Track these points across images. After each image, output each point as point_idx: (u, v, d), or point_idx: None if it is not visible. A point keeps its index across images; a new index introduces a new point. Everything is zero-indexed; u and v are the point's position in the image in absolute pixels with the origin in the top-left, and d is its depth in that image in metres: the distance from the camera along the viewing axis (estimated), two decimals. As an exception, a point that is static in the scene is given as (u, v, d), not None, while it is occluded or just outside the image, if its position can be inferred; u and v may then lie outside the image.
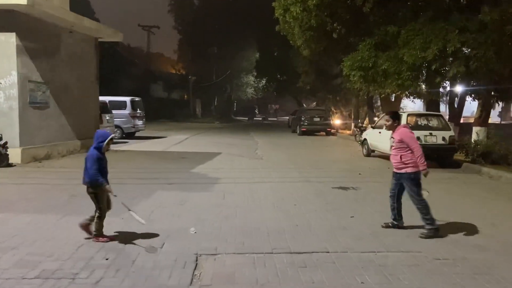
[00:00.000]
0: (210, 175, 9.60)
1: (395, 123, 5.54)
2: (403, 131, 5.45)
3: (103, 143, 5.04)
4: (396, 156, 5.45)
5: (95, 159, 4.95)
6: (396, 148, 5.47)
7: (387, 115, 5.70)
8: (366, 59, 13.44)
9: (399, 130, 5.48)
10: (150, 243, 4.86)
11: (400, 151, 5.40)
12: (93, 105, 14.30)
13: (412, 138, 5.37)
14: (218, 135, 23.36)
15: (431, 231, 5.23)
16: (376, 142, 13.10)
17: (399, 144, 5.41)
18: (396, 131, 5.51)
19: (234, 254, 4.59)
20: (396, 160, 5.45)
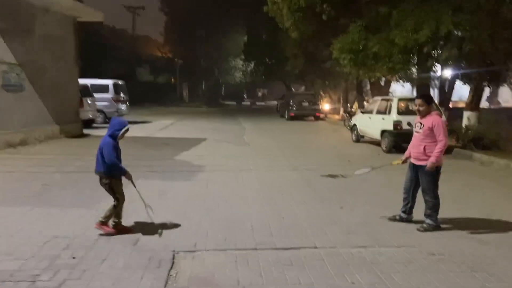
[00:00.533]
0: (194, 163, 9.19)
1: (430, 107, 4.91)
2: (437, 119, 4.83)
3: (119, 131, 4.74)
4: (419, 146, 4.89)
5: (112, 146, 4.63)
6: (421, 137, 4.89)
7: (420, 99, 4.98)
8: (357, 41, 13.05)
9: (432, 117, 4.86)
10: (125, 239, 4.47)
11: (425, 140, 4.85)
12: (73, 89, 13.68)
13: (444, 129, 4.79)
14: (204, 120, 22.85)
15: (431, 226, 4.91)
16: (365, 128, 12.79)
17: (427, 132, 4.84)
18: (427, 117, 4.89)
19: (215, 251, 4.23)
20: (418, 151, 4.90)
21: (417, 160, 4.98)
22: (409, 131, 10.84)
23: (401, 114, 10.97)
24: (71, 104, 13.45)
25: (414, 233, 4.86)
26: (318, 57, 25.18)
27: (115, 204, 4.68)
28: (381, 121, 11.51)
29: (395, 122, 10.87)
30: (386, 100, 11.96)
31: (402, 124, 10.86)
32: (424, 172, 4.90)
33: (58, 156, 9.74)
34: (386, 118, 11.29)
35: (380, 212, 5.63)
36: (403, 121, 10.86)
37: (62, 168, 8.29)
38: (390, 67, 12.65)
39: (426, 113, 4.95)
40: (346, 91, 25.10)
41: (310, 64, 25.64)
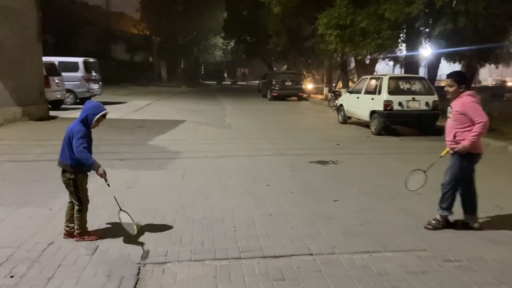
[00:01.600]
0: (170, 148, 8.35)
1: (461, 88, 4.10)
2: (468, 100, 4.06)
3: (94, 117, 3.83)
4: (450, 133, 4.17)
5: (83, 134, 3.74)
6: (451, 122, 4.17)
7: (450, 78, 4.18)
8: (344, 16, 12.27)
9: (462, 98, 4.08)
10: (80, 248, 3.68)
11: (456, 127, 4.12)
12: (36, 67, 12.47)
13: (478, 109, 4.01)
14: (183, 100, 21.80)
15: (441, 223, 4.24)
16: (353, 108, 12.10)
17: (456, 117, 4.11)
18: (457, 99, 4.14)
19: (190, 262, 3.48)
20: (449, 138, 4.19)
21: (451, 149, 4.25)
22: (401, 112, 10.32)
23: (392, 94, 10.30)
24: (34, 83, 12.27)
25: (422, 232, 4.20)
26: (301, 34, 24.32)
27: (79, 208, 3.84)
28: (370, 101, 10.82)
29: (386, 102, 10.21)
30: (375, 79, 11.26)
31: (393, 104, 10.21)
32: (454, 161, 4.20)
33: (16, 142, 8.74)
34: (376, 98, 10.61)
35: (382, 206, 4.97)
36: (394, 101, 10.21)
37: (18, 156, 7.34)
38: (379, 44, 11.94)
39: (456, 96, 4.16)
40: (330, 70, 24.33)
41: (293, 42, 24.76)
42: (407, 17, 10.35)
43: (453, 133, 4.15)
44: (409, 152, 8.47)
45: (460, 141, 4.10)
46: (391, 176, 6.42)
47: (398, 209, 4.87)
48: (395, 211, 4.81)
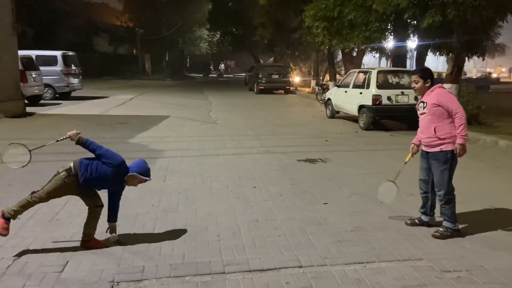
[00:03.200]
0: (152, 147, 8.00)
1: (427, 83, 4.01)
2: (441, 92, 3.97)
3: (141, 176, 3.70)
4: (428, 129, 3.97)
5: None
6: (428, 117, 3.98)
7: (415, 74, 4.12)
8: (331, 8, 11.97)
9: (435, 91, 3.99)
10: (48, 265, 3.34)
11: (434, 121, 3.94)
12: (10, 60, 11.91)
13: (454, 100, 3.94)
14: (168, 94, 21.33)
15: (449, 230, 3.99)
16: (341, 103, 11.86)
17: (433, 110, 3.93)
18: (428, 94, 4.02)
19: (169, 279, 3.17)
20: (428, 135, 3.99)
21: (429, 146, 4.02)
22: (390, 106, 10.11)
23: (380, 88, 10.09)
24: (9, 78, 11.72)
25: (417, 239, 3.96)
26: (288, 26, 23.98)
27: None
28: (359, 95, 10.59)
29: (374, 97, 9.99)
30: (364, 73, 11.03)
31: (382, 99, 9.99)
32: (438, 159, 3.97)
33: (-11, 141, 8.26)
34: (364, 92, 10.38)
35: (374, 208, 4.73)
36: (383, 95, 10.00)
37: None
38: (367, 36, 11.68)
39: (423, 91, 4.05)
40: (317, 62, 24.06)
41: (279, 34, 24.41)
42: (395, 8, 10.10)
43: (432, 128, 3.95)
44: (399, 148, 8.26)
45: (443, 135, 3.91)
46: (381, 175, 6.16)
47: (391, 212, 4.64)
48: (388, 215, 4.57)
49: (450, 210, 4.00)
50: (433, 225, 4.21)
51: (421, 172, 4.23)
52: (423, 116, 4.06)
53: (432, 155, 4.03)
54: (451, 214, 4.00)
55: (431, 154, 4.04)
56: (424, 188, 4.21)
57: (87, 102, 16.27)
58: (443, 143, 3.93)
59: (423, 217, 4.27)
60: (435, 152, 4.00)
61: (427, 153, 4.11)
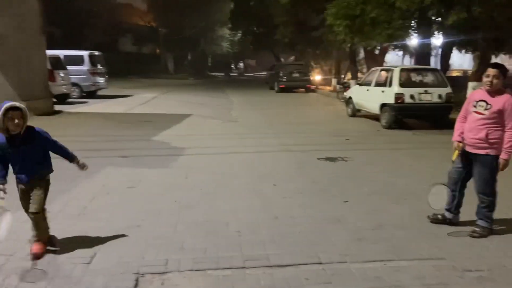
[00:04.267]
0: (174, 144, 8.15)
1: (502, 84, 3.77)
2: (510, 101, 3.70)
3: None
4: (481, 131, 3.80)
5: None
6: (485, 120, 3.80)
7: (497, 68, 3.77)
8: (353, 6, 11.89)
9: (505, 97, 3.72)
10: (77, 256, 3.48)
11: (490, 125, 3.77)
12: (39, 60, 12.31)
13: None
14: (190, 93, 21.60)
15: (486, 230, 3.94)
16: (363, 101, 11.77)
17: (494, 116, 3.74)
18: (496, 96, 3.76)
19: (191, 272, 3.27)
20: (478, 136, 3.82)
21: (475, 147, 3.88)
22: (412, 105, 9.98)
23: (403, 86, 9.96)
24: (38, 77, 12.12)
25: (439, 238, 3.94)
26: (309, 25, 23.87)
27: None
28: (381, 93, 10.50)
29: (397, 95, 9.88)
30: (386, 71, 10.92)
31: (405, 97, 9.87)
32: (483, 164, 3.87)
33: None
34: (387, 91, 10.28)
35: (395, 207, 4.72)
36: (406, 93, 9.88)
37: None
38: (389, 34, 11.57)
39: (498, 90, 3.79)
40: (339, 61, 23.88)
41: (300, 33, 24.31)
42: (419, 6, 9.96)
43: (485, 131, 3.79)
44: (422, 147, 8.19)
45: (493, 140, 3.78)
46: (403, 174, 6.17)
47: (412, 211, 4.61)
48: (409, 213, 4.55)
49: (490, 212, 3.95)
50: (455, 224, 4.18)
51: (455, 170, 4.12)
52: (478, 116, 3.85)
53: (478, 158, 3.90)
54: (490, 215, 3.96)
55: (477, 157, 3.90)
56: (453, 187, 4.12)
57: (112, 101, 16.65)
58: (491, 148, 3.81)
59: (446, 214, 4.22)
60: (482, 155, 3.87)
61: (469, 153, 3.96)
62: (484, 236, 3.92)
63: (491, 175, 3.90)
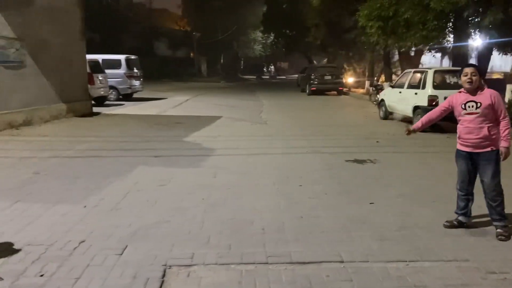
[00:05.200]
0: (204, 145, 8.36)
1: (481, 79, 3.95)
2: (495, 93, 3.93)
3: None
4: (481, 130, 3.90)
5: None
6: (479, 119, 3.91)
7: (473, 67, 3.96)
8: (386, 7, 11.76)
9: (488, 92, 3.93)
10: (109, 248, 3.68)
11: (486, 122, 3.89)
12: (80, 64, 12.91)
13: (502, 102, 3.98)
14: (221, 96, 21.93)
15: (507, 229, 3.92)
16: (395, 103, 11.61)
17: (486, 112, 3.88)
18: (479, 94, 3.92)
19: (216, 266, 3.40)
20: (481, 135, 3.91)
21: (479, 147, 3.94)
22: (446, 108, 9.74)
23: (437, 88, 9.76)
24: (78, 80, 12.72)
25: (463, 240, 3.90)
26: (341, 26, 23.71)
27: None
28: (414, 96, 10.33)
29: (430, 97, 9.69)
30: (419, 73, 10.72)
31: (438, 100, 9.66)
32: (490, 160, 3.93)
33: (60, 138, 9.07)
34: (420, 93, 10.10)
35: (422, 210, 4.68)
36: (440, 96, 9.66)
37: (61, 152, 7.58)
38: (424, 35, 11.36)
39: (478, 88, 3.94)
40: (372, 63, 23.57)
41: (333, 35, 24.18)
42: (454, 7, 9.75)
43: (486, 128, 3.89)
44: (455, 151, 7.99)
45: (494, 135, 3.90)
46: (433, 177, 6.08)
47: (440, 214, 4.54)
48: (436, 216, 4.49)
49: (503, 210, 3.97)
50: (470, 226, 4.16)
51: (463, 174, 4.14)
52: (473, 116, 3.94)
53: (483, 156, 3.95)
54: (504, 212, 3.97)
55: (482, 155, 3.95)
56: (465, 191, 4.14)
57: (147, 103, 17.18)
58: (492, 143, 3.90)
59: (461, 218, 4.19)
60: (486, 152, 3.93)
61: (473, 154, 4.01)
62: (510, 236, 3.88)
63: (498, 170, 3.94)
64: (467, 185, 4.14)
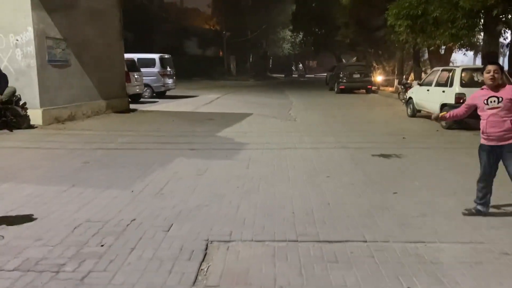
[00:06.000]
0: (237, 140, 8.83)
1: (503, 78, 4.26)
2: None
3: None
4: (503, 123, 4.17)
5: None
6: (501, 113, 4.17)
7: (496, 65, 4.23)
8: (415, 5, 11.89)
9: (509, 87, 4.18)
10: (158, 224, 4.19)
11: (508, 115, 4.16)
12: (118, 63, 13.68)
13: None
14: (251, 94, 22.42)
15: None
16: (423, 101, 11.74)
17: (508, 106, 4.14)
18: (502, 90, 4.17)
19: (251, 242, 3.84)
20: (503, 128, 4.19)
21: (503, 139, 4.21)
22: (473, 105, 9.84)
23: (464, 86, 9.87)
24: (117, 79, 13.48)
25: (481, 226, 4.17)
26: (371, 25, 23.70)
27: None
28: (441, 94, 10.46)
29: (458, 95, 9.82)
30: (447, 71, 10.84)
31: (466, 97, 9.76)
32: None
33: (103, 132, 9.76)
34: (447, 91, 10.23)
35: (443, 200, 4.97)
36: (467, 93, 9.75)
37: (105, 144, 8.23)
38: (453, 34, 11.43)
39: (499, 85, 4.19)
40: (402, 61, 23.47)
41: (362, 33, 24.22)
42: (483, 5, 9.82)
43: (508, 121, 4.15)
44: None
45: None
46: (457, 171, 6.31)
47: (460, 203, 4.80)
48: (456, 205, 4.76)
49: None
50: (488, 215, 4.41)
51: (488, 168, 4.37)
52: (495, 111, 4.18)
53: (507, 148, 4.20)
54: None
55: (506, 147, 4.20)
56: (485, 182, 4.39)
57: (179, 101, 17.87)
58: None
59: (479, 207, 4.45)
60: (510, 144, 4.19)
61: (496, 147, 4.25)
62: None
63: None
64: (487, 177, 4.40)
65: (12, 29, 9.82)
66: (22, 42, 9.76)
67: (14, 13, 9.75)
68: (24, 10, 9.69)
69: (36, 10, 9.82)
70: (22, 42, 9.77)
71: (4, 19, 9.78)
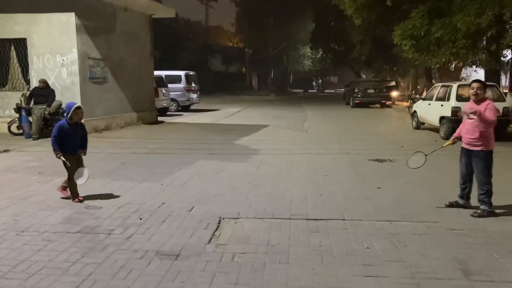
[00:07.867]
0: (251, 147, 9.98)
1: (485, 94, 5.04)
2: (490, 104, 4.94)
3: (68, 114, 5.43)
4: (474, 132, 4.98)
5: (57, 128, 5.43)
6: (475, 123, 4.95)
7: (481, 83, 5.02)
8: (418, 27, 12.91)
9: (486, 102, 4.95)
10: (182, 207, 5.36)
11: (480, 126, 4.93)
12: (149, 79, 15.14)
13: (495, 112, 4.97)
14: (270, 108, 23.64)
15: (485, 212, 5.01)
16: (425, 114, 12.67)
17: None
18: (481, 103, 4.95)
19: (254, 219, 4.95)
20: (473, 136, 5.00)
21: (471, 145, 5.07)
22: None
23: (459, 100, 10.78)
24: (147, 94, 14.92)
25: (441, 210, 5.16)
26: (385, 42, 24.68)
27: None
28: (440, 107, 11.39)
29: (454, 108, 10.73)
30: (445, 87, 11.78)
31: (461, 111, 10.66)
32: (479, 157, 5.02)
33: (135, 140, 11.10)
34: (445, 105, 11.16)
35: (420, 193, 5.95)
36: (462, 107, 10.64)
37: (138, 149, 9.53)
38: (453, 53, 12.36)
39: (482, 99, 5.02)
40: (416, 77, 24.30)
41: (377, 50, 25.21)
42: (478, 27, 10.75)
43: (478, 132, 4.98)
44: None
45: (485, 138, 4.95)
46: (442, 172, 7.22)
47: (434, 196, 5.77)
48: (430, 198, 5.73)
49: (488, 200, 5.00)
50: (467, 208, 5.24)
51: (463, 167, 5.26)
52: (472, 121, 5.04)
53: (474, 153, 5.07)
54: (489, 200, 5.01)
55: (474, 152, 5.07)
56: (464, 179, 5.27)
57: (203, 114, 19.26)
58: (483, 144, 4.98)
59: (459, 201, 5.34)
60: (477, 151, 5.04)
61: (468, 150, 5.14)
62: (483, 216, 4.98)
63: (487, 166, 5.03)
64: (463, 176, 5.28)
65: (59, 51, 11.36)
66: (67, 62, 11.28)
67: (60, 36, 11.30)
68: (69, 34, 11.23)
69: (80, 34, 11.35)
70: (68, 62, 11.29)
71: (52, 42, 11.34)
